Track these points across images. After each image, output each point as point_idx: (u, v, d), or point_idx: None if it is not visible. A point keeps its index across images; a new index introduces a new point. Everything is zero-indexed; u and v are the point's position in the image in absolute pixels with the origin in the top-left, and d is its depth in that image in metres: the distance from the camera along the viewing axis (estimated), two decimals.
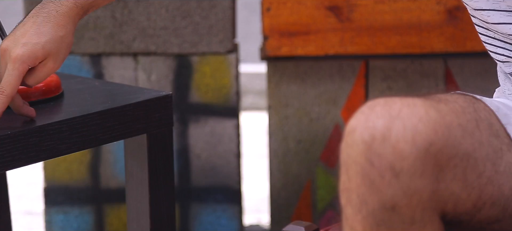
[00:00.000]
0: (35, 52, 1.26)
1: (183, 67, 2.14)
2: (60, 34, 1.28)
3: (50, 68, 1.28)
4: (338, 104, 2.07)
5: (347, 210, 1.04)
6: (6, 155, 1.25)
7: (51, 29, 1.27)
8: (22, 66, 1.25)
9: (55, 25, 1.28)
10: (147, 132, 1.39)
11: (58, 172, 2.18)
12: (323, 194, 2.09)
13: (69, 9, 1.29)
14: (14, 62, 1.25)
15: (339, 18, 1.99)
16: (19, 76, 1.26)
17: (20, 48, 1.25)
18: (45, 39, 1.27)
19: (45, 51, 1.27)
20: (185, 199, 2.18)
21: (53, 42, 1.27)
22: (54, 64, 1.28)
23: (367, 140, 1.02)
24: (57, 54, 1.28)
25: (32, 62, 1.26)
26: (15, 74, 1.25)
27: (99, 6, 1.33)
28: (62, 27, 1.28)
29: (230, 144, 2.15)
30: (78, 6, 1.30)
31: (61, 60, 1.29)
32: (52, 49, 1.27)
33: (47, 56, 1.27)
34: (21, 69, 1.25)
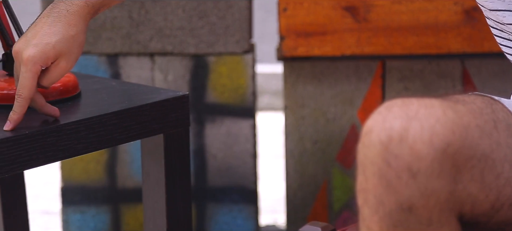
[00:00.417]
0: (46, 52, 1.25)
1: (200, 68, 2.15)
2: (71, 33, 1.27)
3: (63, 68, 1.28)
4: (355, 105, 2.06)
5: (364, 210, 1.04)
6: (24, 155, 1.26)
7: (62, 29, 1.27)
8: (34, 67, 1.25)
9: (66, 25, 1.27)
10: (164, 132, 1.39)
11: (75, 171, 2.18)
12: (339, 194, 2.09)
13: (80, 8, 1.29)
14: (26, 64, 1.25)
15: (355, 19, 1.98)
16: (33, 78, 1.25)
17: (31, 49, 1.25)
18: (56, 39, 1.26)
19: (56, 51, 1.26)
20: (201, 199, 2.18)
21: (65, 42, 1.27)
22: (67, 64, 1.28)
23: (384, 141, 1.01)
24: (69, 53, 1.27)
25: (44, 63, 1.26)
26: (29, 76, 1.25)
27: (110, 5, 1.32)
28: (73, 26, 1.28)
29: (246, 144, 2.15)
30: (89, 5, 1.29)
31: (73, 60, 1.28)
32: (63, 48, 1.26)
33: (58, 56, 1.27)
34: (34, 70, 1.25)
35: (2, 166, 1.24)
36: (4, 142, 1.23)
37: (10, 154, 1.24)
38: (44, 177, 2.74)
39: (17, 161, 1.25)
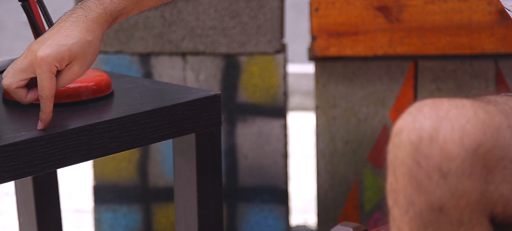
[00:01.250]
0: (61, 53, 1.25)
1: (231, 67, 2.15)
2: (88, 39, 1.27)
3: (75, 73, 1.27)
4: (387, 105, 2.06)
5: (394, 211, 1.04)
6: (58, 153, 1.27)
7: (79, 33, 1.27)
8: (49, 67, 1.25)
9: (84, 30, 1.27)
10: (196, 131, 1.40)
11: (107, 170, 2.20)
12: (371, 195, 2.09)
13: (98, 15, 1.29)
14: (40, 64, 1.25)
15: (388, 19, 1.98)
16: (50, 77, 1.25)
17: (45, 48, 1.25)
18: (72, 42, 1.26)
19: (71, 53, 1.26)
20: (232, 199, 2.19)
21: (80, 46, 1.26)
22: (80, 69, 1.27)
23: (415, 141, 1.01)
24: (83, 58, 1.27)
25: (59, 63, 1.25)
26: (46, 77, 1.25)
27: (129, 15, 1.32)
28: (90, 32, 1.27)
29: (277, 144, 2.16)
30: (107, 13, 1.29)
31: (87, 66, 1.28)
32: (78, 52, 1.26)
33: (73, 59, 1.26)
34: (48, 71, 1.25)
35: (36, 164, 1.25)
36: (38, 140, 1.25)
37: (43, 152, 1.25)
38: (76, 176, 2.76)
39: (51, 159, 1.26)
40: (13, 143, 1.23)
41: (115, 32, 2.14)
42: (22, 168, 1.24)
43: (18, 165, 1.23)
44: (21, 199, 1.70)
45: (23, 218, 1.70)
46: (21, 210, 1.70)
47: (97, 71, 1.45)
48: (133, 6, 1.31)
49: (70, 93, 1.38)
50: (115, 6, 1.29)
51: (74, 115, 1.33)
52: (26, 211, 1.69)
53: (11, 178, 1.23)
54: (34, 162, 1.25)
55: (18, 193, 1.70)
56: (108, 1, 1.29)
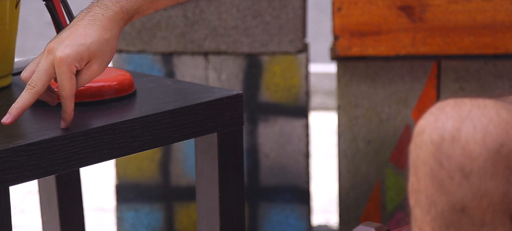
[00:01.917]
0: (80, 53, 1.25)
1: (253, 67, 2.15)
2: (105, 37, 1.27)
3: (94, 72, 1.27)
4: (409, 105, 2.05)
5: (416, 211, 1.04)
6: (81, 152, 1.27)
7: (97, 32, 1.26)
8: (69, 68, 1.25)
9: (101, 28, 1.27)
10: (218, 131, 1.40)
11: (130, 169, 2.21)
12: (393, 195, 2.08)
13: (115, 13, 1.28)
14: (60, 65, 1.24)
15: (411, 18, 1.98)
16: (70, 77, 1.25)
17: (64, 49, 1.25)
18: (91, 41, 1.26)
19: (90, 53, 1.26)
20: (254, 198, 2.19)
21: (98, 44, 1.26)
22: (99, 67, 1.27)
23: (436, 141, 1.01)
24: (101, 56, 1.27)
25: (78, 63, 1.25)
26: (66, 77, 1.25)
27: (145, 13, 1.32)
28: (107, 30, 1.27)
29: (299, 144, 2.16)
30: (124, 11, 1.29)
31: (105, 64, 1.28)
32: (97, 51, 1.26)
33: (92, 58, 1.26)
34: (69, 70, 1.25)
35: (59, 163, 1.26)
36: (61, 139, 1.25)
37: (67, 151, 1.26)
38: (99, 175, 2.77)
39: (74, 158, 1.27)
40: (36, 142, 1.23)
41: (138, 32, 2.15)
42: (46, 167, 1.25)
43: (42, 164, 1.24)
44: (44, 197, 1.71)
45: (46, 217, 1.71)
46: (44, 208, 1.71)
47: (120, 71, 1.46)
48: (149, 4, 1.31)
49: (93, 92, 1.39)
50: (132, 4, 1.29)
51: (97, 114, 1.34)
52: (49, 210, 1.70)
53: (34, 176, 1.24)
54: (57, 161, 1.25)
55: (41, 191, 1.71)
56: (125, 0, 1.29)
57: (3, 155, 1.21)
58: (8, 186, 1.22)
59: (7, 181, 1.22)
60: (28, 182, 2.69)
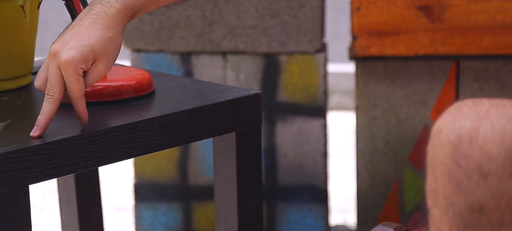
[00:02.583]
0: (85, 55, 1.24)
1: (271, 66, 2.15)
2: (109, 35, 1.25)
3: (101, 71, 1.26)
4: (428, 105, 2.05)
5: (433, 211, 1.04)
6: (100, 151, 1.28)
7: (100, 31, 1.25)
8: (75, 70, 1.24)
9: (104, 26, 1.26)
10: (236, 130, 1.40)
11: (148, 168, 2.21)
12: (411, 195, 2.08)
13: (118, 10, 1.27)
14: (66, 68, 1.24)
15: (430, 18, 1.97)
16: (78, 79, 1.24)
17: (69, 51, 1.24)
18: (95, 41, 1.25)
19: (95, 53, 1.25)
20: (272, 198, 2.19)
21: (103, 44, 1.25)
22: (105, 66, 1.26)
23: (454, 141, 1.01)
24: (107, 55, 1.26)
25: (84, 64, 1.25)
26: (74, 79, 1.24)
27: (148, 10, 1.30)
28: (111, 28, 1.26)
29: (317, 144, 2.16)
30: (127, 8, 1.28)
31: (111, 62, 1.27)
32: (102, 51, 1.25)
33: (97, 57, 1.25)
34: (76, 72, 1.24)
35: (78, 162, 1.26)
36: (80, 138, 1.26)
37: (86, 150, 1.27)
38: (117, 174, 2.78)
39: (93, 157, 1.28)
40: (56, 141, 1.24)
41: (156, 31, 2.15)
42: (65, 166, 1.25)
43: (61, 163, 1.25)
44: (63, 196, 1.72)
45: (65, 215, 1.72)
46: (63, 207, 1.72)
47: (138, 70, 1.46)
48: (153, 2, 1.30)
49: (112, 91, 1.39)
50: (135, 1, 1.28)
51: (116, 113, 1.34)
52: (68, 208, 1.71)
53: (54, 175, 1.25)
54: (76, 160, 1.26)
55: (60, 190, 1.72)
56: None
57: (23, 154, 1.22)
58: (27, 184, 1.23)
59: (27, 179, 1.22)
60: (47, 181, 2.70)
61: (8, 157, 1.20)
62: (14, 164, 1.21)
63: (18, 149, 1.21)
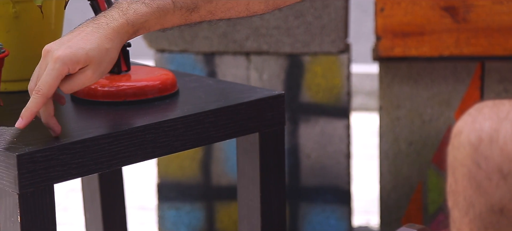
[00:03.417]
0: (77, 56, 1.23)
1: (295, 67, 2.16)
2: (106, 46, 1.25)
3: (87, 77, 1.24)
4: (452, 106, 2.04)
5: (454, 213, 1.04)
6: (124, 151, 1.29)
7: (98, 39, 1.25)
8: (62, 67, 1.22)
9: (103, 37, 1.25)
10: (259, 131, 1.41)
11: (171, 168, 2.22)
12: (435, 196, 2.07)
13: (120, 25, 1.27)
14: (54, 62, 1.22)
15: (454, 19, 1.96)
16: (57, 77, 1.22)
17: (63, 49, 1.23)
18: (90, 47, 1.24)
19: (88, 58, 1.24)
20: (295, 198, 2.19)
21: (98, 52, 1.24)
22: (93, 74, 1.24)
23: (474, 142, 1.01)
24: (98, 64, 1.25)
25: (73, 66, 1.23)
26: (53, 75, 1.22)
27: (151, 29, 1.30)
28: (109, 40, 1.25)
29: (340, 144, 2.16)
30: (129, 24, 1.27)
31: (100, 73, 1.25)
32: (95, 58, 1.24)
33: (88, 63, 1.24)
34: (60, 70, 1.22)
35: (103, 161, 1.27)
36: (105, 138, 1.27)
37: (110, 149, 1.27)
38: (140, 173, 2.79)
39: (117, 157, 1.28)
40: (80, 140, 1.25)
41: (180, 32, 2.16)
42: (89, 165, 1.26)
43: (86, 162, 1.26)
44: (87, 195, 1.73)
45: (89, 214, 1.73)
46: (87, 206, 1.73)
47: (162, 70, 1.47)
48: (156, 21, 1.29)
49: (136, 91, 1.40)
50: (138, 18, 1.28)
51: (140, 113, 1.35)
52: (92, 207, 1.72)
53: (78, 174, 1.26)
54: (101, 159, 1.27)
55: (84, 189, 1.73)
56: (132, 13, 1.27)
57: (48, 153, 1.22)
58: (52, 183, 1.23)
59: (52, 178, 1.23)
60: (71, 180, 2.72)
61: (34, 156, 1.21)
62: (40, 163, 1.22)
63: (44, 148, 1.22)
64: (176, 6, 1.30)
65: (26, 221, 1.21)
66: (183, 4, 1.30)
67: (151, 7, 1.28)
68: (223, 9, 1.33)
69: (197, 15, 1.32)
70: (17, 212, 1.21)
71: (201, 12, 1.32)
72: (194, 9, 1.31)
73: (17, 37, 1.45)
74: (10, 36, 1.45)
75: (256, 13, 1.35)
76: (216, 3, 1.32)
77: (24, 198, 1.21)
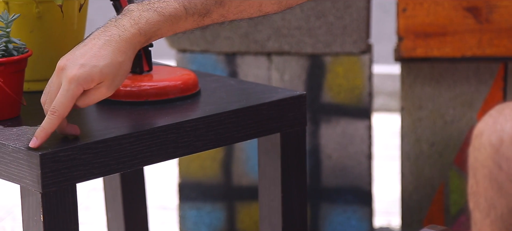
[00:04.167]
0: (92, 75, 1.23)
1: (316, 67, 2.15)
2: (119, 60, 1.24)
3: (102, 94, 1.24)
4: (474, 107, 2.03)
5: (475, 214, 1.03)
6: (145, 151, 1.29)
7: (111, 54, 1.24)
8: (77, 88, 1.22)
9: (116, 50, 1.24)
10: (281, 131, 1.40)
11: (192, 168, 2.22)
12: (456, 198, 2.06)
13: (132, 35, 1.25)
14: (69, 82, 1.22)
15: (477, 19, 1.96)
16: (72, 98, 1.22)
17: (78, 68, 1.22)
18: (104, 63, 1.23)
19: (102, 75, 1.23)
20: (316, 199, 2.19)
21: (111, 67, 1.23)
22: (107, 90, 1.24)
23: (495, 143, 1.00)
24: (112, 80, 1.24)
25: (88, 85, 1.23)
26: (69, 95, 1.22)
27: (163, 36, 1.29)
28: (122, 53, 1.24)
29: (362, 145, 2.15)
30: (141, 33, 1.26)
31: (114, 87, 1.25)
32: (109, 74, 1.23)
33: (103, 80, 1.24)
34: (75, 90, 1.22)
35: (125, 161, 1.28)
36: (127, 138, 1.27)
37: (132, 149, 1.28)
38: (161, 173, 2.80)
39: (139, 157, 1.29)
40: (103, 140, 1.25)
41: (202, 32, 2.16)
42: (112, 165, 1.27)
43: (108, 162, 1.26)
44: (109, 195, 1.73)
45: (111, 214, 1.73)
46: (109, 205, 1.74)
47: (184, 70, 1.47)
48: (168, 28, 1.28)
49: (158, 91, 1.40)
50: (150, 27, 1.26)
51: (162, 113, 1.35)
52: (114, 207, 1.72)
53: (101, 174, 1.26)
54: (123, 159, 1.27)
55: (106, 189, 1.74)
56: (144, 22, 1.26)
57: (71, 153, 1.23)
58: (75, 183, 1.24)
59: (74, 178, 1.24)
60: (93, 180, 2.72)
61: (57, 155, 1.22)
62: (62, 162, 1.22)
63: (66, 147, 1.23)
64: (188, 13, 1.28)
65: (49, 220, 1.22)
66: (195, 10, 1.29)
67: (164, 16, 1.27)
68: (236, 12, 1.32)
69: (209, 19, 1.31)
70: (40, 211, 1.22)
71: (213, 16, 1.31)
72: (206, 14, 1.30)
73: (40, 37, 1.46)
74: (33, 36, 1.46)
75: (268, 13, 1.34)
76: (228, 6, 1.31)
77: (47, 197, 1.22)
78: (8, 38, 1.34)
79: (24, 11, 1.44)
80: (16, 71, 1.33)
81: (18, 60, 1.33)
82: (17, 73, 1.33)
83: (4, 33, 1.34)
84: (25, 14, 1.44)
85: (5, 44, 1.34)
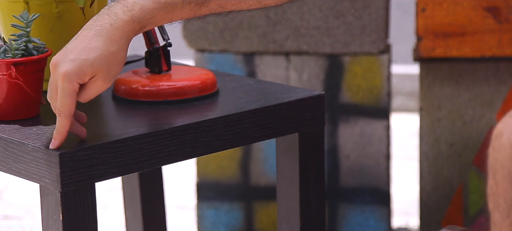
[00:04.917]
0: (83, 69, 1.20)
1: (335, 67, 2.15)
2: (111, 50, 1.21)
3: (99, 86, 1.22)
4: (494, 108, 2.03)
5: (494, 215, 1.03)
6: (164, 150, 1.29)
7: (103, 44, 1.20)
8: (70, 85, 1.20)
9: (107, 40, 1.21)
10: (299, 131, 1.40)
11: (210, 168, 2.23)
12: (476, 198, 2.05)
13: (125, 23, 1.21)
14: (63, 80, 1.20)
15: (497, 19, 1.95)
16: (71, 95, 1.21)
17: (68, 64, 1.20)
18: (94, 55, 1.20)
19: (94, 68, 1.20)
20: (334, 199, 2.19)
21: (103, 58, 1.20)
22: (104, 82, 1.22)
23: None
24: (107, 71, 1.21)
25: (80, 79, 1.21)
26: (67, 94, 1.21)
27: (158, 24, 1.25)
28: (114, 43, 1.21)
29: (380, 145, 2.15)
30: (135, 20, 1.22)
31: (111, 78, 1.22)
32: (101, 66, 1.20)
33: (96, 73, 1.21)
34: (71, 87, 1.21)
35: (143, 161, 1.28)
36: (145, 137, 1.27)
37: (150, 149, 1.28)
38: (179, 173, 2.80)
39: (157, 156, 1.29)
40: (121, 139, 1.26)
41: (220, 31, 2.16)
42: (130, 164, 1.27)
43: (126, 161, 1.26)
44: (127, 194, 1.74)
45: (129, 213, 1.74)
46: (127, 205, 1.74)
47: (203, 70, 1.47)
48: (164, 16, 1.24)
49: (176, 91, 1.41)
50: (145, 14, 1.23)
51: (181, 113, 1.36)
52: (132, 206, 1.73)
53: (119, 173, 1.26)
54: (141, 158, 1.28)
55: (124, 188, 1.74)
56: (138, 9, 1.22)
57: (90, 152, 1.23)
58: (94, 182, 1.24)
59: (93, 177, 1.24)
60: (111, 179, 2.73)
61: (76, 154, 1.22)
62: (81, 161, 1.23)
63: (85, 147, 1.23)
64: (184, 1, 1.24)
65: (68, 219, 1.22)
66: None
67: (159, 3, 1.23)
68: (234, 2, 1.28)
69: (206, 9, 1.26)
70: (59, 210, 1.22)
71: (210, 6, 1.26)
72: (203, 3, 1.26)
73: (59, 37, 1.47)
74: (53, 35, 1.47)
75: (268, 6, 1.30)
76: None
77: (66, 196, 1.22)
78: (28, 38, 1.35)
79: (44, 11, 1.45)
80: (36, 71, 1.34)
81: (38, 60, 1.34)
82: (36, 72, 1.34)
83: (24, 33, 1.35)
84: (45, 14, 1.45)
85: (25, 43, 1.34)
